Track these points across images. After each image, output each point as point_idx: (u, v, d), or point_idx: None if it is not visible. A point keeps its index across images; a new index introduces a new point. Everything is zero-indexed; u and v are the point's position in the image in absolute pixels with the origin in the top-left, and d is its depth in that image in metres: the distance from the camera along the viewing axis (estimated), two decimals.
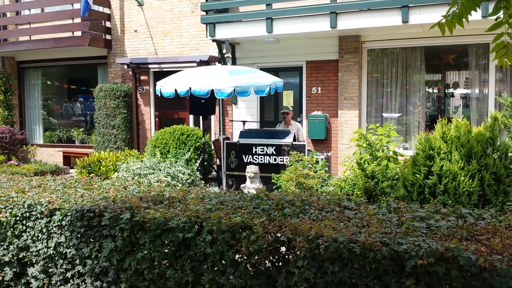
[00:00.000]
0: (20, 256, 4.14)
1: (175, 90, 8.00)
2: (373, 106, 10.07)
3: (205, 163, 9.35)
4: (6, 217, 4.10)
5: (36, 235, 4.00)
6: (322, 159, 8.29)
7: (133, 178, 6.56)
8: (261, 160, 8.45)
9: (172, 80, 8.30)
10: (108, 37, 12.30)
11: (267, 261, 3.02)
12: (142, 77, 12.17)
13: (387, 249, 2.53)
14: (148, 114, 12.20)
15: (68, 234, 3.80)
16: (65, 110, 14.17)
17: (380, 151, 6.98)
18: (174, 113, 12.21)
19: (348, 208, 3.41)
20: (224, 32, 9.92)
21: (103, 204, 3.67)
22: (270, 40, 9.88)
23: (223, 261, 3.10)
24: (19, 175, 7.26)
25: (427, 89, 10.05)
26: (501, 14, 2.90)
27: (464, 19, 2.92)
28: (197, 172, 8.45)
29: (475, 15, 5.35)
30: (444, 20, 3.00)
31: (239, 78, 8.03)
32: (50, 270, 3.99)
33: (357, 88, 9.71)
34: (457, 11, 2.90)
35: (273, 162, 8.37)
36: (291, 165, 7.32)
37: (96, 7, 11.98)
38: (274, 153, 8.37)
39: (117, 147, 11.62)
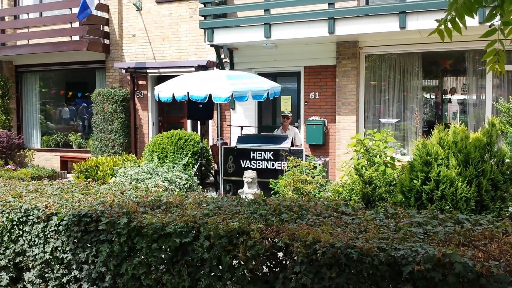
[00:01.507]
0: (16, 261, 4.12)
1: (173, 95, 8.00)
2: (370, 111, 10.09)
3: (203, 168, 9.34)
4: (2, 221, 4.08)
5: (32, 240, 3.98)
6: (319, 165, 8.29)
7: (130, 183, 6.55)
8: (259, 165, 8.45)
9: (170, 85, 8.30)
10: (106, 41, 12.31)
11: (264, 267, 3.02)
12: (140, 82, 12.17)
13: (384, 254, 2.53)
14: (146, 118, 12.20)
15: (65, 239, 3.79)
16: (59, 114, 14.18)
17: (378, 156, 6.98)
18: (173, 118, 12.22)
19: (345, 214, 3.41)
20: (222, 37, 9.94)
21: (100, 209, 3.66)
22: (268, 45, 9.90)
23: (220, 267, 3.09)
24: (16, 179, 7.23)
25: (425, 95, 10.08)
26: (495, 21, 2.91)
27: (461, 25, 2.93)
28: (194, 177, 8.43)
29: (472, 21, 5.37)
30: (442, 26, 3.01)
31: (237, 83, 8.04)
32: (46, 275, 3.97)
33: (354, 94, 9.73)
34: (453, 16, 2.91)
35: (271, 167, 8.37)
36: (288, 170, 7.32)
37: (94, 12, 11.99)
38: (272, 158, 8.37)
39: (115, 152, 11.60)
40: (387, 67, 9.90)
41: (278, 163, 8.30)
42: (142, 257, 3.39)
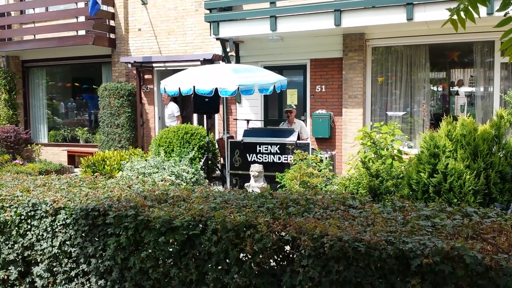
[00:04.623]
0: (25, 255, 4.15)
1: (179, 89, 8.00)
2: (377, 104, 10.04)
3: (209, 162, 9.35)
4: (11, 216, 4.11)
5: (41, 234, 4.00)
6: (326, 158, 8.27)
7: (137, 177, 6.57)
8: (265, 159, 8.44)
9: (176, 79, 8.30)
10: (112, 36, 12.31)
11: (271, 260, 3.01)
12: (146, 76, 12.18)
13: (392, 248, 2.52)
14: (152, 113, 12.22)
15: (72, 233, 3.81)
16: (65, 109, 14.26)
17: (385, 149, 6.96)
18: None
19: (353, 207, 3.39)
20: (228, 30, 9.91)
21: (107, 203, 3.67)
22: (274, 38, 9.86)
23: (227, 260, 3.09)
24: (24, 174, 7.27)
25: (432, 87, 10.01)
26: (509, 10, 2.86)
27: (475, 14, 2.89)
28: (201, 171, 8.44)
29: (481, 12, 5.29)
30: (455, 16, 2.97)
31: (243, 77, 8.02)
32: (54, 269, 4.00)
33: (361, 86, 9.68)
34: (466, 5, 2.87)
35: (277, 161, 8.36)
36: (295, 163, 7.31)
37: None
38: (278, 151, 8.36)
39: (122, 146, 11.64)
40: (394, 59, 9.83)
41: (285, 157, 8.28)
42: (150, 250, 3.40)
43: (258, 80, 8.14)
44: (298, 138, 8.52)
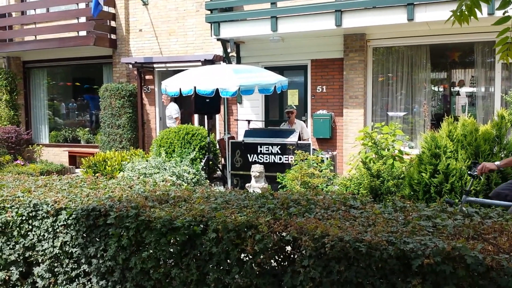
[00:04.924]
0: (26, 256, 4.15)
1: (180, 89, 8.01)
2: (378, 105, 10.03)
3: (210, 162, 9.35)
4: (12, 216, 4.11)
5: (42, 235, 4.01)
6: (327, 158, 8.27)
7: (138, 178, 6.58)
8: (266, 159, 8.44)
9: (177, 80, 8.31)
10: (113, 36, 12.33)
11: (272, 260, 3.01)
12: (147, 77, 12.18)
13: (393, 248, 2.52)
14: (153, 113, 12.22)
15: (74, 234, 3.81)
16: (66, 109, 14.27)
17: (386, 150, 6.96)
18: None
19: (353, 207, 3.39)
20: (229, 31, 9.91)
21: (108, 204, 3.67)
22: (275, 39, 9.86)
23: (228, 260, 3.09)
24: (25, 174, 7.29)
25: (433, 88, 10.01)
26: (508, 9, 2.87)
27: (478, 11, 2.91)
28: (202, 172, 8.45)
29: (482, 12, 5.30)
30: (458, 13, 2.99)
31: (244, 77, 8.03)
32: (56, 269, 4.00)
33: (362, 87, 9.68)
34: (468, 5, 2.88)
35: (278, 161, 8.36)
36: (296, 164, 7.31)
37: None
38: (279, 152, 8.36)
39: (123, 147, 11.65)
40: (394, 59, 9.83)
41: (286, 157, 8.28)
42: (151, 251, 3.40)
43: (259, 80, 8.14)
44: (299, 139, 8.52)
